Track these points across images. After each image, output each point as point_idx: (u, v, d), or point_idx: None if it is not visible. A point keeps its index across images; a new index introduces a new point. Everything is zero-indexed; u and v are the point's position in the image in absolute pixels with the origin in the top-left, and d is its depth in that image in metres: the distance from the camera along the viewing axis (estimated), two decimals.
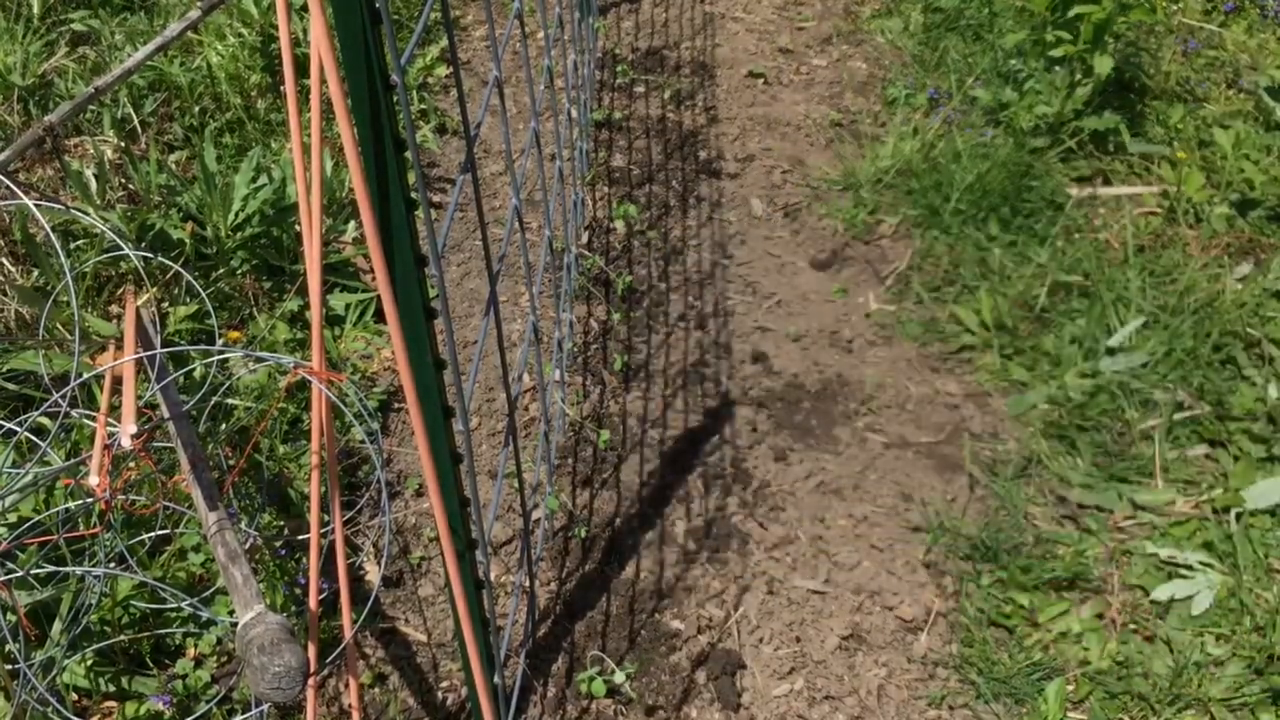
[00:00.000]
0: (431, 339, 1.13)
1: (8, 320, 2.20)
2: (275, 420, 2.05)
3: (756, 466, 2.14)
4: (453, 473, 1.23)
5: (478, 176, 1.59)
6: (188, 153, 2.86)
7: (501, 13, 3.94)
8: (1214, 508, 1.99)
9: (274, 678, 1.10)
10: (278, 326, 2.27)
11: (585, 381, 2.34)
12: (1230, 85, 3.13)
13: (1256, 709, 1.66)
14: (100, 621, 1.66)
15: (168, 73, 2.99)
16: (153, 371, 1.40)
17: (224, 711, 1.64)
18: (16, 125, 2.80)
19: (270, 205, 2.42)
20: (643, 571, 1.93)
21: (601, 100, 3.34)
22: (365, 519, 2.01)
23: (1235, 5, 3.49)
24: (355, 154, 0.98)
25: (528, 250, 2.11)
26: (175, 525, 1.82)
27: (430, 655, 1.79)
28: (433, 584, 1.91)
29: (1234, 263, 2.52)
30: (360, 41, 0.92)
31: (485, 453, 2.18)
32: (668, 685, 1.75)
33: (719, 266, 2.68)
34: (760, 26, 3.83)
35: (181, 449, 1.36)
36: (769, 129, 3.22)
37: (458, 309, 2.56)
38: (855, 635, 1.83)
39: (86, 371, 1.85)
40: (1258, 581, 1.85)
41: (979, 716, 1.71)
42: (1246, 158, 2.77)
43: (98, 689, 1.64)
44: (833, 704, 1.73)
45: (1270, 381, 2.21)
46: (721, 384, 2.34)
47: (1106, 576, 1.90)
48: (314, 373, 1.21)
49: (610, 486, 2.10)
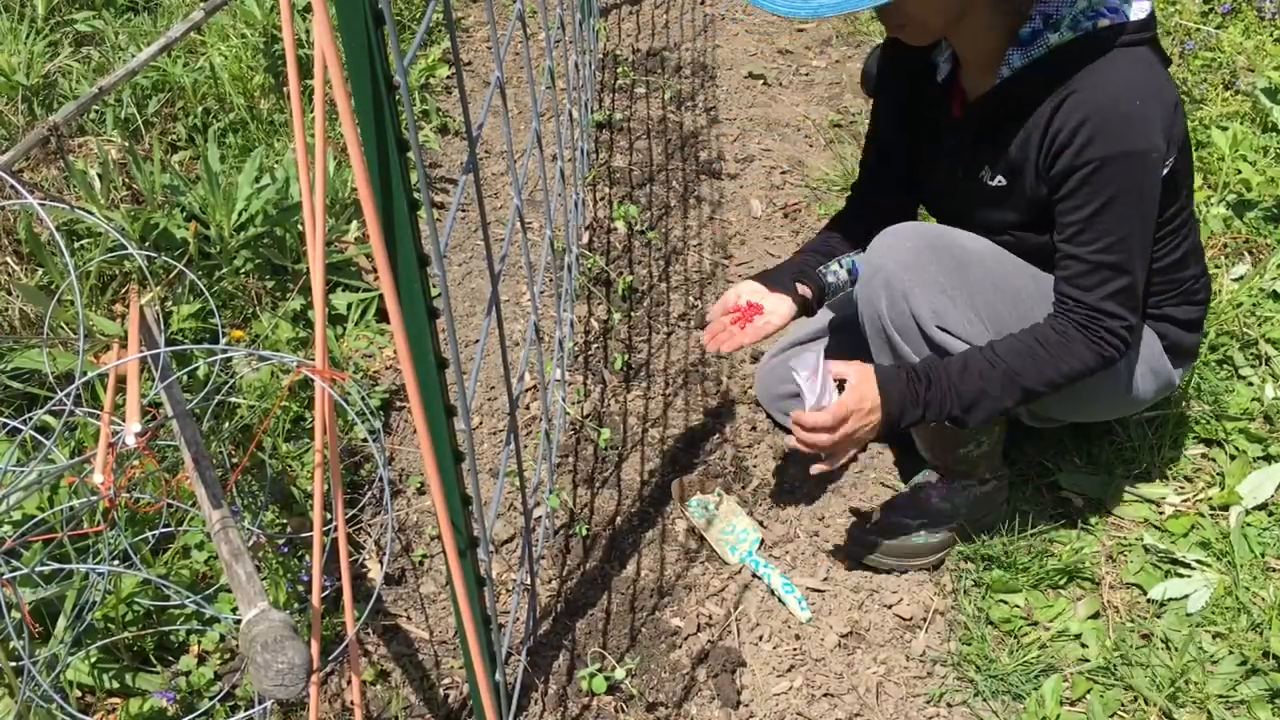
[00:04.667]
0: (434, 338, 1.14)
1: (12, 319, 2.21)
2: (278, 419, 2.06)
3: (756, 465, 2.15)
4: (455, 471, 1.24)
5: (480, 177, 1.60)
6: (191, 153, 2.87)
7: (503, 14, 3.95)
8: (1211, 506, 2.00)
9: (277, 675, 1.10)
10: (281, 325, 2.29)
11: (586, 380, 2.35)
12: (1227, 86, 3.14)
13: (1253, 706, 1.67)
14: (104, 619, 1.67)
15: (171, 73, 3.00)
16: (156, 370, 1.41)
17: (227, 708, 1.65)
18: (21, 125, 2.81)
19: (273, 205, 2.43)
20: (643, 569, 1.94)
21: (602, 101, 3.35)
22: (367, 517, 2.02)
23: (1232, 7, 3.50)
24: (358, 154, 0.98)
25: (529, 250, 2.12)
26: (179, 523, 1.83)
27: (432, 652, 1.80)
28: (435, 581, 1.92)
29: (1230, 263, 2.53)
30: (364, 42, 0.93)
31: (487, 451, 2.20)
32: (668, 682, 1.76)
33: (719, 266, 2.69)
34: (760, 28, 3.84)
35: (185, 447, 1.37)
36: (769, 130, 3.23)
37: (460, 308, 2.57)
38: (854, 633, 1.84)
39: (91, 370, 1.86)
40: (1254, 580, 1.86)
41: (977, 714, 1.72)
42: (1243, 159, 2.78)
43: (101, 686, 1.65)
44: (831, 701, 1.74)
45: (1267, 381, 2.22)
46: (722, 383, 2.35)
47: (1103, 575, 1.91)
48: (317, 371, 1.22)
49: (611, 485, 2.11)
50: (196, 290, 2.28)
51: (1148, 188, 1.57)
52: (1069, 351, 1.62)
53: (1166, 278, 1.77)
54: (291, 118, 2.92)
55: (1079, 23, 1.55)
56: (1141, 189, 1.56)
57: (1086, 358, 1.63)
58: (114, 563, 1.69)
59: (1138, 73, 1.53)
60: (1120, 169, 1.54)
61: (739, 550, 1.95)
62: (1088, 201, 1.57)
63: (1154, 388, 1.85)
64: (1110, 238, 1.57)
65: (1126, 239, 1.57)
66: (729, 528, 1.98)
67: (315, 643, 1.32)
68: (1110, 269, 1.59)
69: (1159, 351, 1.82)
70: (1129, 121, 1.52)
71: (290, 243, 2.44)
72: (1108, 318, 1.61)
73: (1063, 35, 1.56)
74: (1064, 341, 1.63)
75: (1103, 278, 1.60)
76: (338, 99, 0.96)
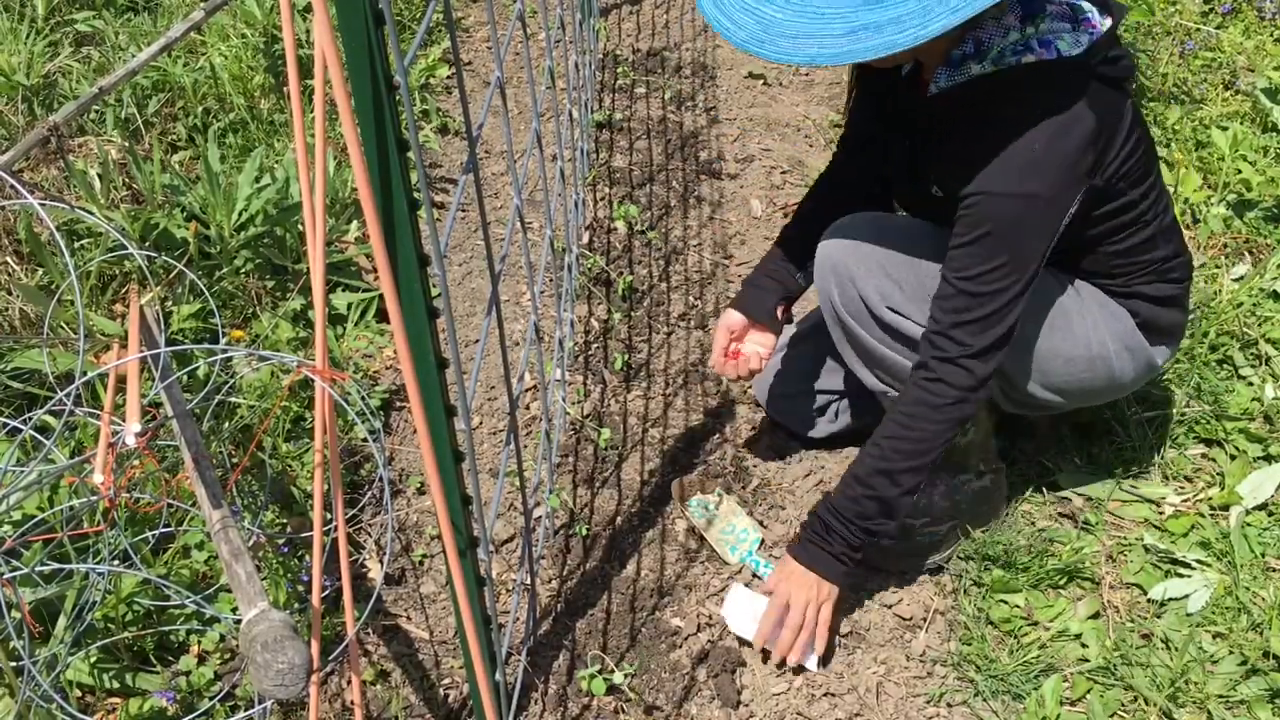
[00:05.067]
0: (434, 338, 1.14)
1: (12, 319, 2.22)
2: (278, 419, 2.06)
3: (756, 465, 2.15)
4: (455, 471, 1.24)
5: (480, 177, 1.60)
6: (191, 153, 2.87)
7: (503, 14, 3.96)
8: (1211, 506, 2.00)
9: (277, 674, 1.10)
10: (281, 325, 2.29)
11: (586, 380, 2.35)
12: (1227, 86, 3.14)
13: (1253, 706, 1.67)
14: (104, 619, 1.67)
15: (171, 73, 3.00)
16: (157, 370, 1.41)
17: (227, 708, 1.65)
18: (21, 125, 2.81)
19: (273, 205, 2.43)
20: (643, 569, 1.94)
21: (602, 101, 3.35)
22: (367, 517, 2.02)
23: (1232, 7, 3.50)
24: (358, 154, 0.99)
25: (529, 250, 2.12)
26: (179, 523, 1.83)
27: (432, 652, 1.80)
28: (435, 581, 1.92)
29: (1231, 263, 2.53)
30: (364, 42, 0.93)
31: (487, 451, 2.20)
32: (668, 683, 1.76)
33: (719, 266, 2.69)
34: None
35: (185, 447, 1.37)
36: (769, 130, 3.23)
37: (460, 308, 2.57)
38: (854, 633, 1.84)
39: (91, 370, 1.86)
40: (1254, 580, 1.86)
41: (977, 714, 1.72)
42: (1243, 159, 2.78)
43: (101, 686, 1.65)
44: (831, 701, 1.74)
45: (1267, 381, 2.22)
46: (721, 383, 2.35)
47: (1103, 575, 1.91)
48: (317, 371, 1.22)
49: (611, 485, 2.11)
50: (196, 290, 2.28)
51: (1033, 227, 1.57)
52: (917, 419, 1.65)
53: (1131, 260, 1.78)
54: (291, 118, 2.92)
55: (1003, 57, 1.55)
56: (1022, 228, 1.56)
57: (932, 416, 1.65)
58: (114, 563, 1.69)
59: (1050, 114, 1.52)
60: (1002, 206, 1.54)
61: (739, 550, 1.95)
62: (967, 230, 1.58)
63: (1133, 367, 1.84)
64: (979, 268, 1.57)
65: (992, 274, 1.57)
66: (729, 528, 1.98)
67: (315, 643, 1.32)
68: (970, 296, 1.59)
69: (1131, 328, 1.82)
70: (1025, 165, 1.52)
71: (290, 243, 2.44)
72: (952, 345, 1.61)
73: (984, 68, 1.56)
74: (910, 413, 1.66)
75: (959, 304, 1.60)
76: (338, 99, 0.96)
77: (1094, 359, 1.81)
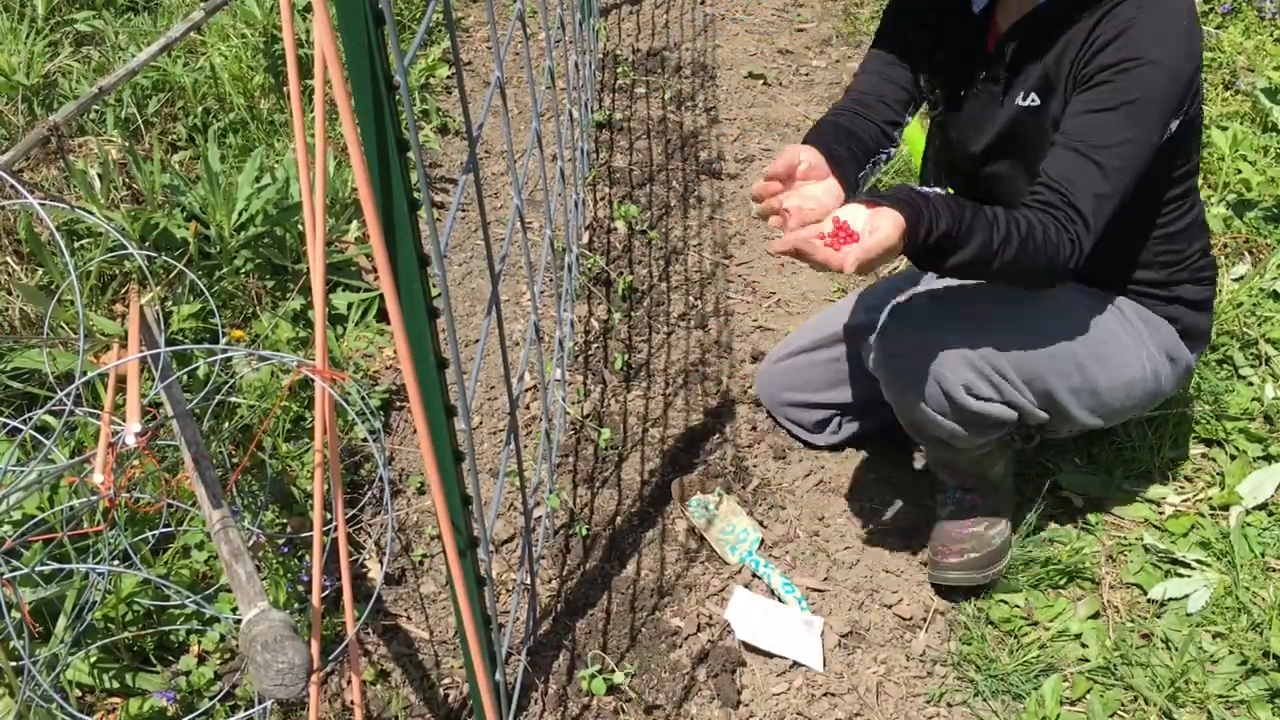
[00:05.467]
0: (434, 338, 1.14)
1: (12, 319, 2.22)
2: (278, 419, 2.06)
3: (756, 465, 2.15)
4: (455, 471, 1.24)
5: (480, 177, 1.60)
6: (191, 153, 2.87)
7: (503, 14, 3.96)
8: (1211, 506, 2.00)
9: (277, 674, 1.10)
10: (281, 325, 2.29)
11: (586, 380, 2.35)
12: (1227, 86, 3.14)
13: (1253, 706, 1.67)
14: (104, 618, 1.67)
15: (171, 73, 3.00)
16: (156, 370, 1.41)
17: (227, 708, 1.65)
18: (21, 125, 2.81)
19: (273, 205, 2.43)
20: (643, 569, 1.94)
21: (602, 101, 3.35)
22: (367, 517, 2.02)
23: (1232, 7, 3.50)
24: (358, 154, 0.99)
25: (529, 250, 2.12)
26: (179, 523, 1.83)
27: (432, 652, 1.80)
28: (435, 581, 1.92)
29: (1231, 263, 2.53)
30: (364, 42, 0.93)
31: (487, 451, 2.20)
32: (668, 683, 1.76)
33: (719, 266, 2.69)
34: (760, 28, 3.85)
35: (185, 447, 1.37)
36: (769, 130, 3.23)
37: (460, 308, 2.57)
38: (854, 633, 1.84)
39: (91, 370, 1.86)
40: (1254, 580, 1.86)
41: (977, 714, 1.72)
42: (1243, 159, 2.78)
43: (101, 686, 1.65)
44: (831, 701, 1.74)
45: (1267, 381, 2.22)
46: (722, 383, 2.35)
47: (1103, 575, 1.91)
48: (317, 371, 1.22)
49: (611, 485, 2.11)
50: (196, 290, 2.28)
51: (1170, 105, 1.52)
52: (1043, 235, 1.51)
53: (1172, 248, 1.76)
54: (291, 118, 2.92)
55: None
56: (1167, 102, 1.51)
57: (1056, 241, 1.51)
58: (114, 563, 1.69)
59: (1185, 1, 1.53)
60: (1154, 75, 1.49)
61: (739, 550, 1.95)
62: (1110, 96, 1.51)
63: (1174, 376, 1.83)
64: (1118, 137, 1.51)
65: (1126, 146, 1.51)
66: (729, 528, 1.98)
67: (315, 643, 1.32)
68: (1097, 167, 1.52)
69: (1175, 340, 1.81)
70: (1178, 34, 1.50)
71: (290, 243, 2.44)
72: (1074, 211, 1.52)
73: None
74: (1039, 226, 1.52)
75: (1089, 174, 1.52)
76: (338, 99, 0.96)
77: (1147, 378, 1.79)
